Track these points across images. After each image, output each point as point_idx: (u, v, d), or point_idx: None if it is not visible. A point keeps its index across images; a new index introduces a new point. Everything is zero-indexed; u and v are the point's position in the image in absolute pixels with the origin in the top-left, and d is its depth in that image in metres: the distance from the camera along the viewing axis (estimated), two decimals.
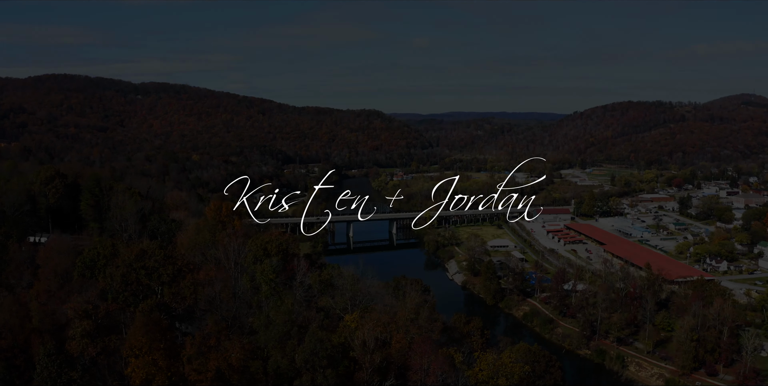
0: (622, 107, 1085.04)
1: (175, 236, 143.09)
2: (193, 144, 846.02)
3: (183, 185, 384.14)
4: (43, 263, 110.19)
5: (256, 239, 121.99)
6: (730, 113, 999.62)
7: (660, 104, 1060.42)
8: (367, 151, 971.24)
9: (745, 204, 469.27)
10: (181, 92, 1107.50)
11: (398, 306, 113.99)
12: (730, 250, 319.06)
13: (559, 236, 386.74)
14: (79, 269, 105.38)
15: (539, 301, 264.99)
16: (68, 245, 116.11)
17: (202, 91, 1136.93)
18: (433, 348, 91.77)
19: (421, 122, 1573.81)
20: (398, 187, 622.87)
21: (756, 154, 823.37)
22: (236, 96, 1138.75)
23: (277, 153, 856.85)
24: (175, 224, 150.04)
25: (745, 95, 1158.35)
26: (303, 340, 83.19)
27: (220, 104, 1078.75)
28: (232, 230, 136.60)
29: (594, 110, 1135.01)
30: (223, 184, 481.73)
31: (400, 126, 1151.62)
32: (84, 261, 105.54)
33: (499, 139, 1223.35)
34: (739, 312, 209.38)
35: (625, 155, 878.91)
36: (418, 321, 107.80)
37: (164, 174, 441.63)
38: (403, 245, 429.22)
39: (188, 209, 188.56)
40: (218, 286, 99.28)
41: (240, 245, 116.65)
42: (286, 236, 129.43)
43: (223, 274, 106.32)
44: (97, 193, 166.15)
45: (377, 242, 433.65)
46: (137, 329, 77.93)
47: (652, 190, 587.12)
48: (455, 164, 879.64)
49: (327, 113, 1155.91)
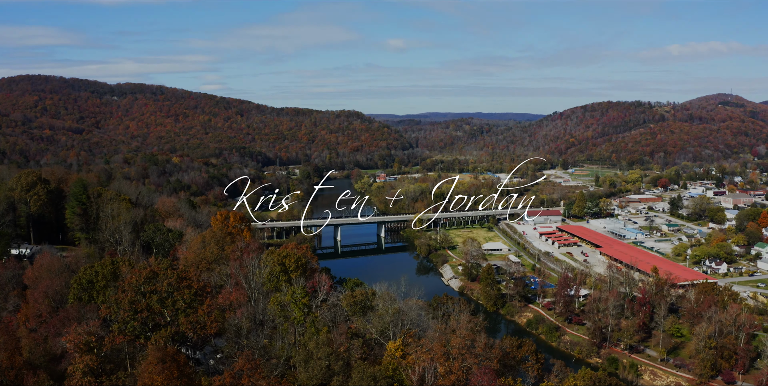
0: (602, 108, 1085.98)
1: (173, 248, 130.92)
2: (171, 146, 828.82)
3: (164, 188, 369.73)
4: (32, 284, 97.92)
5: (273, 254, 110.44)
6: (709, 113, 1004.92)
7: (639, 104, 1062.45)
8: (347, 152, 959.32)
9: (734, 204, 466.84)
10: (158, 93, 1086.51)
11: (445, 329, 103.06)
12: (728, 252, 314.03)
13: (552, 239, 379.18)
14: (75, 291, 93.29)
15: (542, 307, 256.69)
16: (60, 263, 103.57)
17: (179, 92, 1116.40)
18: (493, 379, 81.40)
19: (399, 123, 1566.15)
20: (383, 189, 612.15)
21: (736, 153, 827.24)
22: (214, 97, 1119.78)
23: (256, 155, 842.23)
24: (173, 235, 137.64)
25: (721, 95, 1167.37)
26: (350, 376, 72.27)
27: (198, 105, 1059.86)
28: (243, 244, 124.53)
29: (573, 111, 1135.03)
30: (205, 187, 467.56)
31: (380, 127, 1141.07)
32: (80, 282, 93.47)
33: (479, 139, 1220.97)
34: (755, 318, 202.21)
35: (607, 156, 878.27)
36: (473, 348, 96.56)
37: (144, 177, 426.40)
38: (392, 248, 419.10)
39: (182, 217, 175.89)
40: (240, 312, 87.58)
41: (258, 263, 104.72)
42: (303, 250, 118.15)
43: (243, 297, 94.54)
44: (84, 200, 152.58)
45: (365, 246, 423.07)
46: (150, 365, 66.39)
47: (638, 190, 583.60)
48: (436, 165, 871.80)
49: (306, 113, 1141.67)
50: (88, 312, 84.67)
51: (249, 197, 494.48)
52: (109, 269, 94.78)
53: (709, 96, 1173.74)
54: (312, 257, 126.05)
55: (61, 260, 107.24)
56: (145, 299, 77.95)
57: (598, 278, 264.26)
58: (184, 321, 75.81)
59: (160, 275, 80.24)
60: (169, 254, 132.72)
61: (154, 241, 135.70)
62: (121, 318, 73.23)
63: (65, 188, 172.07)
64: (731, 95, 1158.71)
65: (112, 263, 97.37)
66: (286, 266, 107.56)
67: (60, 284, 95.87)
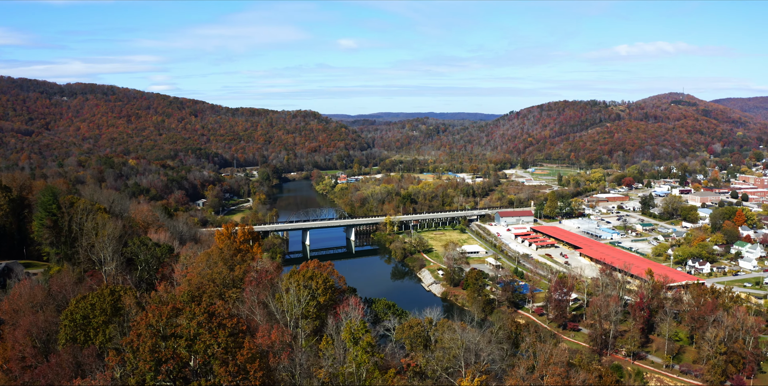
0: (558, 107, 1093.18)
1: (161, 266, 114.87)
2: (124, 148, 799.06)
3: (122, 192, 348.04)
4: (9, 319, 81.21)
5: (296, 275, 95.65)
6: (663, 111, 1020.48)
7: (595, 103, 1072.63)
8: (305, 153, 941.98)
9: (702, 202, 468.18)
10: (109, 93, 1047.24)
11: (523, 364, 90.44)
12: (710, 252, 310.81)
13: (528, 240, 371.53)
14: (67, 330, 76.78)
15: (532, 313, 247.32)
16: (43, 293, 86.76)
17: (131, 92, 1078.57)
18: None
19: (353, 123, 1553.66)
20: (347, 190, 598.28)
21: (693, 152, 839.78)
22: (167, 97, 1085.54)
23: (213, 156, 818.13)
24: (161, 250, 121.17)
25: (673, 94, 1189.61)
26: None
27: (150, 105, 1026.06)
28: (261, 264, 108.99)
29: (530, 110, 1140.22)
30: (165, 190, 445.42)
31: (338, 127, 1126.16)
32: (73, 319, 77.17)
33: (435, 139, 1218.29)
34: (761, 320, 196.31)
35: (566, 155, 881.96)
36: None
37: (100, 181, 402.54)
38: (363, 252, 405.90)
39: (164, 228, 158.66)
40: (287, 355, 72.68)
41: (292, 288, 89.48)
42: (327, 268, 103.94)
43: (285, 334, 79.35)
44: (54, 211, 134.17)
45: (335, 250, 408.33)
46: None
47: (603, 189, 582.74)
48: (396, 165, 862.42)
49: (262, 114, 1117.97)
50: (86, 357, 69.09)
51: (211, 201, 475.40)
52: (108, 302, 78.82)
53: (661, 95, 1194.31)
54: (339, 277, 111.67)
55: (44, 290, 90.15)
56: (173, 343, 61.86)
57: (584, 281, 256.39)
58: (221, 370, 60.27)
59: (185, 312, 64.49)
60: (157, 272, 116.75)
61: (139, 257, 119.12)
62: (139, 371, 57.32)
63: (29, 196, 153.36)
64: (683, 94, 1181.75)
65: (111, 293, 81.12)
66: (313, 289, 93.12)
67: (46, 321, 79.35)
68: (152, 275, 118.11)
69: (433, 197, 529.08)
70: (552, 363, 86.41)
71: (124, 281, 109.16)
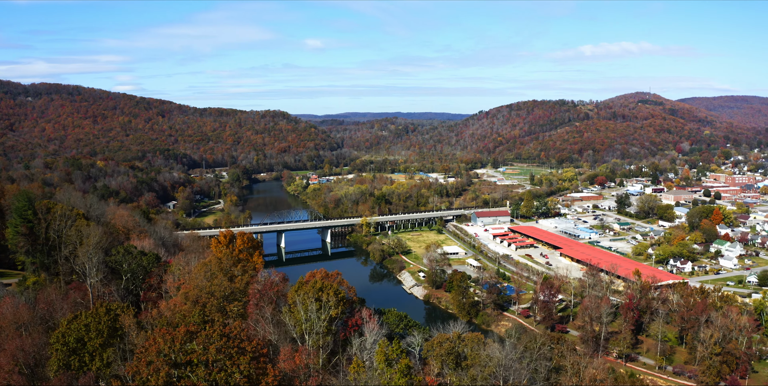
0: (527, 106, 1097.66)
1: (148, 276, 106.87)
2: (91, 149, 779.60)
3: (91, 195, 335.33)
4: None
5: (305, 287, 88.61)
6: (631, 111, 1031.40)
7: (563, 102, 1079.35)
8: (275, 153, 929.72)
9: (676, 201, 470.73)
10: (75, 94, 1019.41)
11: (566, 381, 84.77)
12: (690, 250, 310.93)
13: (507, 241, 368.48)
14: (60, 355, 68.77)
15: (518, 315, 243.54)
16: (29, 313, 78.21)
17: (97, 92, 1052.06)
18: None
19: (321, 123, 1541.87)
20: (320, 191, 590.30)
21: (662, 150, 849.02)
22: (133, 97, 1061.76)
23: (181, 157, 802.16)
24: (148, 259, 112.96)
25: (640, 93, 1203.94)
26: None
27: (117, 105, 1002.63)
28: (261, 275, 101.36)
29: (499, 110, 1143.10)
30: (134, 193, 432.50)
31: (307, 127, 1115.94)
32: (66, 342, 69.20)
33: (405, 139, 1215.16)
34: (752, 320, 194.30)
35: (536, 154, 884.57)
36: None
37: (68, 183, 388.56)
38: (339, 254, 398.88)
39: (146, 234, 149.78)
40: (315, 381, 65.78)
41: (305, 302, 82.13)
42: (335, 278, 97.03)
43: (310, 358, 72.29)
44: (30, 217, 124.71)
45: (310, 252, 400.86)
46: None
47: (576, 189, 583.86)
48: (367, 165, 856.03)
49: (230, 114, 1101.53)
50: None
51: (182, 203, 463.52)
52: (105, 322, 70.95)
53: (628, 94, 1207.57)
54: (349, 288, 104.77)
55: (31, 310, 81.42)
56: (185, 373, 54.37)
57: (569, 283, 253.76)
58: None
59: (201, 335, 56.97)
60: (144, 282, 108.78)
61: (123, 267, 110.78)
62: None
63: (3, 201, 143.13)
64: (650, 94, 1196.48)
65: (107, 312, 73.10)
66: (324, 302, 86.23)
67: (33, 344, 71.01)
68: (138, 286, 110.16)
69: (407, 198, 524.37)
70: (599, 380, 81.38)
71: (110, 293, 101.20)
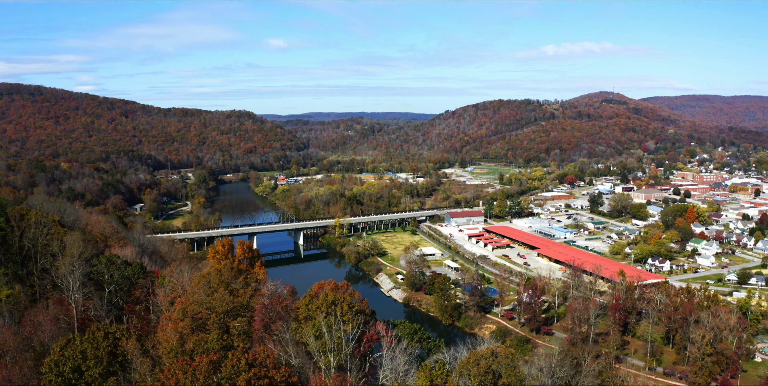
0: (494, 106, 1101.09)
1: (135, 288, 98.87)
2: (53, 150, 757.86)
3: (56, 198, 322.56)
4: None
5: (316, 301, 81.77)
6: (596, 110, 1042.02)
7: (529, 102, 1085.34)
8: (241, 154, 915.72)
9: (646, 199, 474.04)
10: (36, 94, 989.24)
11: None
12: (668, 249, 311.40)
13: (483, 241, 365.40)
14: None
15: (501, 317, 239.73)
16: (17, 338, 69.78)
17: (59, 92, 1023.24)
18: None
19: (286, 123, 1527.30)
20: (289, 192, 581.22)
21: (627, 149, 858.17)
22: (96, 98, 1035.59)
23: (146, 159, 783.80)
24: (132, 269, 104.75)
25: (603, 93, 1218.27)
26: None
27: (79, 106, 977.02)
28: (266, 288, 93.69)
29: (465, 109, 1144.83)
30: (101, 195, 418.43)
31: (273, 127, 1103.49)
32: (60, 372, 61.31)
33: (371, 139, 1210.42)
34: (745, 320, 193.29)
35: (503, 153, 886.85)
36: None
37: (32, 186, 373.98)
38: (312, 256, 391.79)
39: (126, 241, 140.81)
40: None
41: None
42: (344, 289, 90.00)
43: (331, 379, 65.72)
44: (2, 225, 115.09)
45: (283, 255, 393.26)
46: None
47: (547, 188, 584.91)
48: (334, 165, 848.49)
49: (195, 114, 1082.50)
50: None
51: (149, 205, 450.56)
52: (104, 348, 63.06)
53: (592, 94, 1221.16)
54: (362, 300, 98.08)
55: (16, 335, 72.71)
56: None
57: (553, 284, 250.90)
58: None
59: (226, 366, 49.85)
60: (129, 295, 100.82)
61: (106, 278, 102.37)
62: None
63: None
64: (613, 93, 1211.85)
65: (106, 336, 65.03)
66: (339, 316, 79.51)
67: (23, 375, 62.75)
68: (123, 298, 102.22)
69: (378, 198, 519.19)
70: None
71: (93, 308, 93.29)
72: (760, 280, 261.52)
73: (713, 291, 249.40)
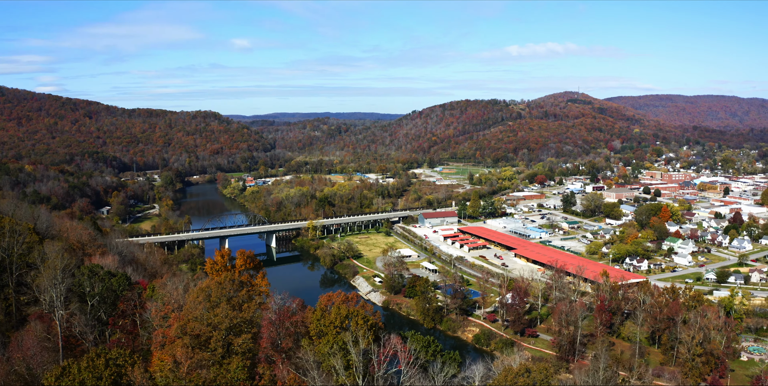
0: (461, 106, 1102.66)
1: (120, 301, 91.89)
2: (16, 152, 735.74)
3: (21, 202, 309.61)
4: None
5: (328, 316, 76.00)
6: (562, 110, 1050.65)
7: (496, 102, 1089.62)
8: (207, 155, 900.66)
9: (618, 199, 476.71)
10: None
11: None
12: (645, 248, 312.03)
13: (459, 242, 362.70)
14: None
15: (483, 319, 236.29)
16: (5, 368, 62.78)
17: (21, 93, 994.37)
18: None
19: (251, 124, 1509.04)
20: (258, 194, 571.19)
21: (594, 149, 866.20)
22: (59, 98, 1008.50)
23: (111, 160, 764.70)
24: (118, 281, 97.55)
25: (569, 93, 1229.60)
26: None
27: (42, 106, 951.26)
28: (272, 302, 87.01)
29: (433, 109, 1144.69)
30: (66, 198, 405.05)
31: (240, 128, 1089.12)
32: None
33: (338, 139, 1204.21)
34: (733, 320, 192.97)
35: (471, 153, 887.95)
36: None
37: None
38: (285, 259, 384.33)
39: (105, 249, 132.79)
40: None
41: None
42: (357, 300, 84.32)
43: None
44: None
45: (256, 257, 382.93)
46: None
47: (517, 188, 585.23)
48: (303, 166, 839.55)
49: (160, 115, 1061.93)
50: None
51: (116, 208, 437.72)
52: (107, 377, 56.19)
53: (557, 94, 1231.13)
54: (375, 313, 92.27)
55: (5, 364, 65.47)
56: None
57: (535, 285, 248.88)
58: None
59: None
60: (116, 308, 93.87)
61: (87, 291, 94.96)
62: None
63: None
64: (578, 93, 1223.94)
65: (107, 364, 58.01)
66: (353, 331, 74.01)
67: None
68: (107, 312, 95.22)
69: (350, 199, 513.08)
70: None
71: (77, 324, 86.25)
72: (739, 278, 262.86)
73: (694, 290, 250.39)
